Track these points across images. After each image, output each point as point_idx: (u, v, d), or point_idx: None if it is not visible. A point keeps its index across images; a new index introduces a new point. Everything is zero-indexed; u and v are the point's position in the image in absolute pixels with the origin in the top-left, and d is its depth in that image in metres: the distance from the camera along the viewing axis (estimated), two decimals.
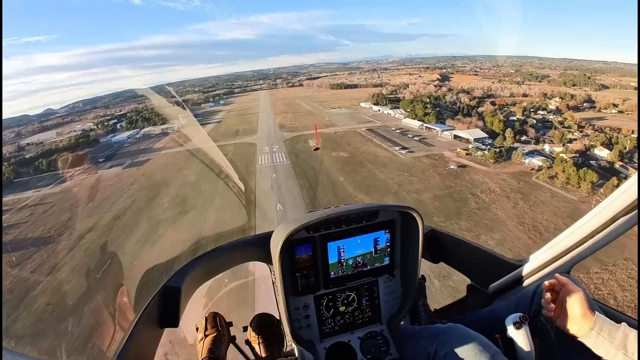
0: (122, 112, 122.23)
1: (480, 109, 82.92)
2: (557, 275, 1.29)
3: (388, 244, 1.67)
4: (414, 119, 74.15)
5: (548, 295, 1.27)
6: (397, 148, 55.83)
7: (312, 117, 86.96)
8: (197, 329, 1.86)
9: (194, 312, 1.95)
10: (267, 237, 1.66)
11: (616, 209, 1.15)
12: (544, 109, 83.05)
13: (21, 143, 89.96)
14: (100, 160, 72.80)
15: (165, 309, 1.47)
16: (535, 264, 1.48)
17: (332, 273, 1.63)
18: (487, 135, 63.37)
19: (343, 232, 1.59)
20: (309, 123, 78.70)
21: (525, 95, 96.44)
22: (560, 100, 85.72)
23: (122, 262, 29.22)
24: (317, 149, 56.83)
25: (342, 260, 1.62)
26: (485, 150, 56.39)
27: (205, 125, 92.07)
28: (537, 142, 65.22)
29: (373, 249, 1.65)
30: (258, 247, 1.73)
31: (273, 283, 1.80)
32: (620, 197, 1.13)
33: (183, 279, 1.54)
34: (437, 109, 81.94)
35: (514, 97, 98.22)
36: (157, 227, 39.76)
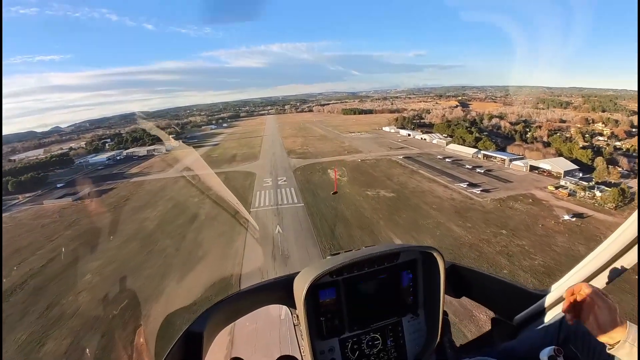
0: (118, 132, 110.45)
1: (534, 134, 67.21)
2: (584, 283, 1.14)
3: (411, 283, 1.60)
4: (461, 144, 55.02)
5: (571, 298, 1.11)
6: (463, 185, 35.89)
7: (327, 141, 68.24)
8: None
9: (215, 356, 1.73)
10: (288, 280, 1.55)
11: (631, 235, 1.12)
12: (600, 135, 67.83)
13: (4, 160, 77.17)
14: (59, 185, 55.96)
15: (188, 354, 1.37)
16: (559, 292, 1.39)
17: (356, 315, 1.54)
18: (577, 167, 43.61)
19: (366, 274, 1.51)
20: (324, 148, 59.76)
21: (562, 121, 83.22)
22: (603, 125, 73.93)
23: None
24: (335, 192, 37.10)
25: (366, 302, 1.55)
26: (594, 188, 36.27)
27: (199, 149, 73.86)
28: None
29: (396, 290, 1.58)
30: (280, 290, 1.59)
31: (295, 326, 1.72)
32: (633, 224, 1.11)
33: (205, 323, 1.44)
34: (485, 133, 63.31)
35: (550, 122, 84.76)
36: (49, 330, 19.74)
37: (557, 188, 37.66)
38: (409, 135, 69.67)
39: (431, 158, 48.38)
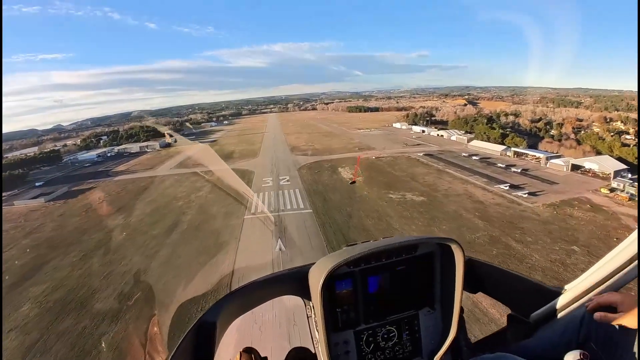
0: (116, 130, 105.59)
1: (560, 131, 62.12)
2: (605, 295, 1.08)
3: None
4: (486, 141, 48.53)
5: (601, 314, 1.04)
6: (503, 187, 29.39)
7: (334, 137, 61.76)
8: None
9: (227, 347, 1.71)
10: (302, 271, 1.50)
11: None
12: (627, 133, 63.91)
13: None
14: (37, 184, 49.38)
15: (200, 344, 1.33)
16: (580, 289, 1.31)
17: (372, 307, 1.48)
18: (626, 167, 37.11)
19: (383, 265, 1.44)
20: (332, 145, 53.26)
21: (579, 119, 78.52)
22: (622, 124, 70.45)
23: None
24: (353, 182, 32.02)
25: (382, 294, 1.48)
26: None
27: (195, 145, 67.66)
28: None
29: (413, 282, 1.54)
30: (294, 281, 1.55)
31: (308, 317, 1.64)
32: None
33: (218, 313, 1.40)
34: (508, 129, 56.84)
35: (567, 120, 78.19)
36: None
37: (611, 191, 31.14)
38: (423, 131, 63.20)
39: (455, 156, 41.81)
